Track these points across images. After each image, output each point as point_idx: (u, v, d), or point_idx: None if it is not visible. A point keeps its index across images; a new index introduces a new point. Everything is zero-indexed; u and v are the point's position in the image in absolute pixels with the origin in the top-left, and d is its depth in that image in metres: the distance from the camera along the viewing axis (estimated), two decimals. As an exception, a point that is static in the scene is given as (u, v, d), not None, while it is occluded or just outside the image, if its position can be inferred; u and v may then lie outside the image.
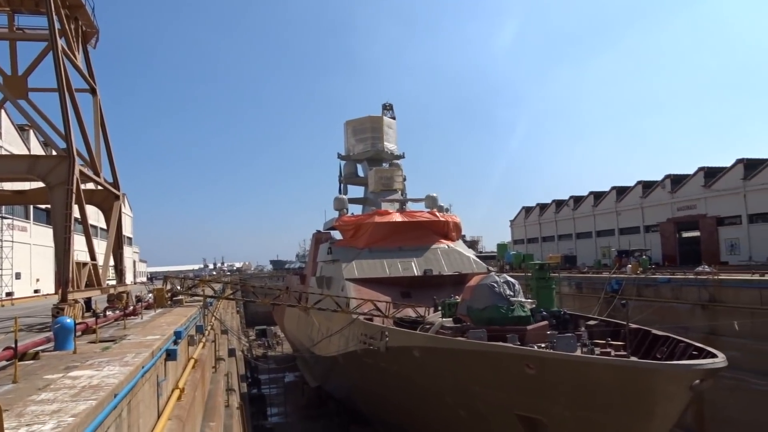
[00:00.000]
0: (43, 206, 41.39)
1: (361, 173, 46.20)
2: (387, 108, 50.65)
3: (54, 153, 19.21)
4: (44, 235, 43.04)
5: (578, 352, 15.23)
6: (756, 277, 28.28)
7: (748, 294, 26.50)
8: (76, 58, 20.88)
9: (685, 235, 61.81)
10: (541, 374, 13.67)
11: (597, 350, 15.43)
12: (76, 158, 17.71)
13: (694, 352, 14.50)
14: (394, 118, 48.75)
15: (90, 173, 20.79)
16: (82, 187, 19.15)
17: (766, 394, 23.90)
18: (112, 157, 23.72)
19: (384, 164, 44.57)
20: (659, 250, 61.64)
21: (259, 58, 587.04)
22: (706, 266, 36.54)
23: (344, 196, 41.17)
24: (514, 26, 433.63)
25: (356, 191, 46.41)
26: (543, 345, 16.51)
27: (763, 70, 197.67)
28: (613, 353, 15.13)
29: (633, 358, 13.97)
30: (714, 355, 13.16)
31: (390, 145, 44.84)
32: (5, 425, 4.67)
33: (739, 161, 53.20)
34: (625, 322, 16.69)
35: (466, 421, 17.84)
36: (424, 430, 22.73)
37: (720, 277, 29.07)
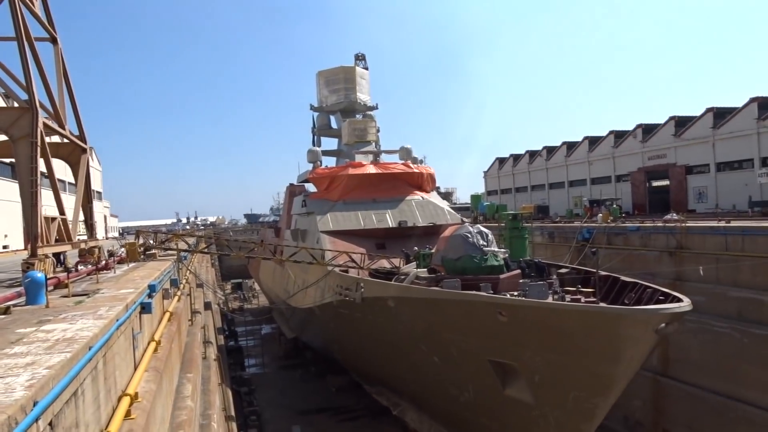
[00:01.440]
0: (7, 160, 40.25)
1: (334, 125, 45.71)
2: (359, 58, 49.76)
3: (15, 105, 18.58)
4: (10, 189, 41.90)
5: (549, 300, 15.59)
6: (722, 224, 29.02)
7: (713, 240, 27.20)
8: (33, 5, 19.97)
9: (655, 184, 62.84)
10: (513, 321, 13.99)
11: (568, 297, 15.81)
12: (39, 110, 17.14)
13: (661, 297, 14.95)
14: (366, 69, 47.98)
15: (54, 126, 20.16)
16: (47, 140, 18.59)
17: (728, 335, 24.86)
18: (77, 109, 23.00)
19: (357, 116, 44.13)
20: (630, 199, 62.69)
21: (231, 6, 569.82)
22: (675, 214, 37.37)
23: (318, 149, 40.78)
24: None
25: (330, 143, 46.04)
26: (515, 293, 16.84)
27: (733, 22, 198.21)
28: (583, 300, 15.52)
29: (602, 305, 14.35)
30: (680, 300, 13.59)
31: (363, 96, 44.31)
32: (-22, 378, 4.64)
33: (708, 110, 53.79)
34: (594, 270, 17.06)
35: (440, 367, 18.27)
36: (398, 377, 23.27)
37: (687, 225, 29.76)
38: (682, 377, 26.62)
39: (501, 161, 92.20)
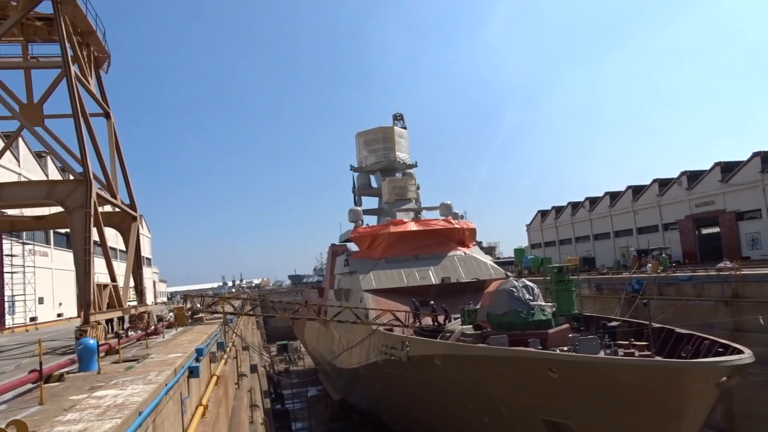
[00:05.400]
0: (62, 230, 41.88)
1: (374, 184, 46.26)
2: (397, 118, 50.78)
3: (71, 177, 19.48)
4: (65, 259, 43.49)
5: (601, 354, 15.09)
6: (779, 270, 27.84)
7: (772, 288, 26.05)
8: (89, 83, 21.20)
9: (705, 231, 61.03)
10: (564, 378, 13.55)
11: (620, 351, 15.28)
12: (93, 182, 17.95)
13: (720, 349, 14.30)
14: (405, 128, 48.81)
15: (107, 196, 21.04)
16: (100, 209, 19.36)
17: (797, 389, 23.45)
18: (128, 179, 24.01)
19: (397, 174, 44.61)
20: (679, 248, 60.90)
21: (272, 75, 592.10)
22: (728, 262, 36.05)
23: (359, 208, 41.20)
24: (525, 29, 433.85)
25: (370, 202, 46.47)
26: (565, 348, 16.37)
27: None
28: (637, 354, 14.98)
29: (657, 358, 13.79)
30: (740, 352, 12.97)
31: (402, 155, 44.88)
32: (34, 446, 4.73)
33: (755, 154, 52.48)
34: (647, 322, 16.50)
35: (490, 427, 17.71)
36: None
37: (743, 273, 28.62)
38: (749, 435, 25.08)
39: (543, 214, 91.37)
